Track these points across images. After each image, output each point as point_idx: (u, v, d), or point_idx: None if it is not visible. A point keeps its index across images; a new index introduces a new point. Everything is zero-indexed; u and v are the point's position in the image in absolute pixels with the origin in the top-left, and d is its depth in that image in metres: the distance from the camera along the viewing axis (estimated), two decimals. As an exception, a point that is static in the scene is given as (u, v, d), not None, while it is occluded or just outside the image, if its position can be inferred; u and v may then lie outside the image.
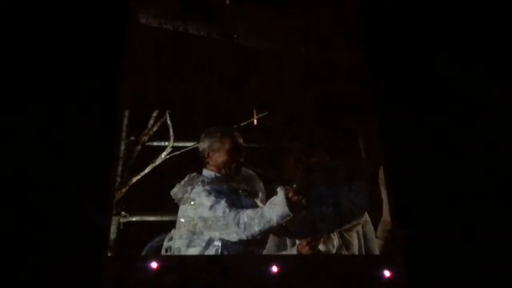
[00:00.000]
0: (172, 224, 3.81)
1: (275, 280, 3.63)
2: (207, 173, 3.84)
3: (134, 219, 3.89)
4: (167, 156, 4.05)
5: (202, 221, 3.68)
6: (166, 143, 4.08)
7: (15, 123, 3.81)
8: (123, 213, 3.88)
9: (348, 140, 4.31)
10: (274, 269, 3.64)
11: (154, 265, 3.62)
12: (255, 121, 4.24)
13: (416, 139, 4.09)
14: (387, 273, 3.66)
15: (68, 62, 4.01)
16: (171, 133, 4.09)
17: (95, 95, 3.94)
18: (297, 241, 3.75)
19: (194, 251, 3.69)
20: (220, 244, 3.64)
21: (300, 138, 4.25)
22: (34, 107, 3.88)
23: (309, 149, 4.22)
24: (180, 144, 4.09)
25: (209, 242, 3.66)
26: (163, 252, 3.76)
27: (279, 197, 3.59)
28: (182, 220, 3.74)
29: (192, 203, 3.74)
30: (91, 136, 3.80)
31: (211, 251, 3.66)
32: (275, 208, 3.57)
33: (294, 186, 3.71)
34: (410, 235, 3.82)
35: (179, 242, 3.72)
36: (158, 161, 4.03)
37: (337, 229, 3.81)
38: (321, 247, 3.71)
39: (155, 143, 4.10)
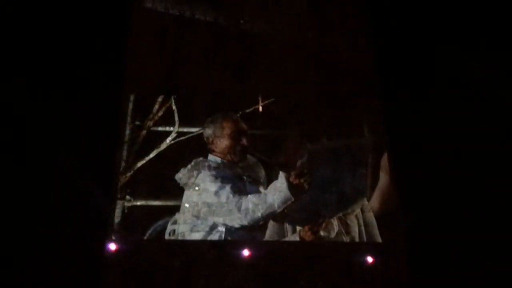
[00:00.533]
0: (176, 209, 3.86)
1: (275, 266, 3.69)
2: (213, 158, 3.88)
3: (138, 203, 3.93)
4: (172, 141, 4.07)
5: (206, 206, 3.72)
6: (171, 128, 4.10)
7: (17, 109, 3.83)
8: (127, 197, 3.92)
9: (353, 126, 4.31)
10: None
11: (112, 247, 3.66)
12: (260, 108, 4.24)
13: (421, 127, 4.08)
14: (370, 259, 3.74)
15: (73, 46, 4.00)
16: (176, 118, 4.11)
17: (100, 80, 3.93)
18: (297, 228, 3.78)
19: (197, 236, 3.74)
20: (223, 229, 3.69)
21: (305, 124, 4.26)
22: (37, 91, 3.89)
23: (312, 134, 4.24)
24: (185, 130, 4.10)
25: (213, 227, 3.72)
26: (166, 235, 3.81)
27: (281, 181, 3.63)
28: (187, 205, 3.79)
29: (197, 188, 3.77)
30: (95, 120, 3.81)
31: (214, 237, 3.71)
32: (276, 193, 3.62)
33: (295, 170, 3.74)
34: (413, 223, 3.84)
35: (183, 227, 3.77)
36: (163, 146, 4.05)
37: (338, 213, 3.85)
38: (321, 232, 3.75)
39: (160, 128, 4.11)
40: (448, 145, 3.95)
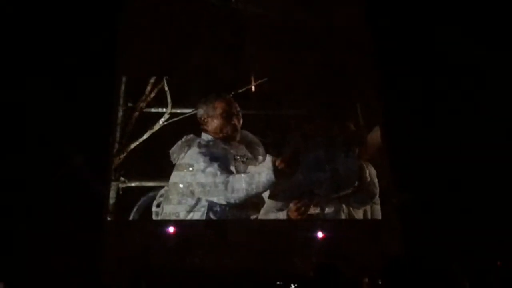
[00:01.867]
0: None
1: (266, 243, 3.76)
2: (205, 136, 3.94)
3: (133, 184, 3.95)
4: (165, 123, 4.08)
5: (193, 184, 3.81)
6: (164, 110, 4.10)
7: (14, 94, 3.82)
8: (122, 178, 3.94)
9: (346, 107, 4.32)
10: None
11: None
12: (253, 88, 4.25)
13: (415, 107, 4.07)
14: (320, 235, 3.89)
15: (64, 29, 3.97)
16: (169, 99, 4.11)
17: (92, 62, 3.91)
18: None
19: (182, 214, 3.84)
20: (206, 205, 3.80)
21: (299, 105, 4.26)
22: (30, 76, 3.87)
23: (308, 116, 4.25)
24: (178, 111, 4.11)
25: (196, 204, 3.82)
26: (154, 205, 3.88)
27: (267, 164, 3.77)
28: (175, 181, 3.86)
29: (188, 166, 3.85)
30: (88, 103, 3.80)
31: (197, 214, 3.81)
32: (262, 175, 3.75)
33: (283, 153, 3.86)
34: (406, 199, 3.88)
35: (169, 202, 3.86)
36: (156, 127, 4.06)
37: (334, 194, 3.91)
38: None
39: (153, 110, 4.12)
40: (442, 126, 3.95)
